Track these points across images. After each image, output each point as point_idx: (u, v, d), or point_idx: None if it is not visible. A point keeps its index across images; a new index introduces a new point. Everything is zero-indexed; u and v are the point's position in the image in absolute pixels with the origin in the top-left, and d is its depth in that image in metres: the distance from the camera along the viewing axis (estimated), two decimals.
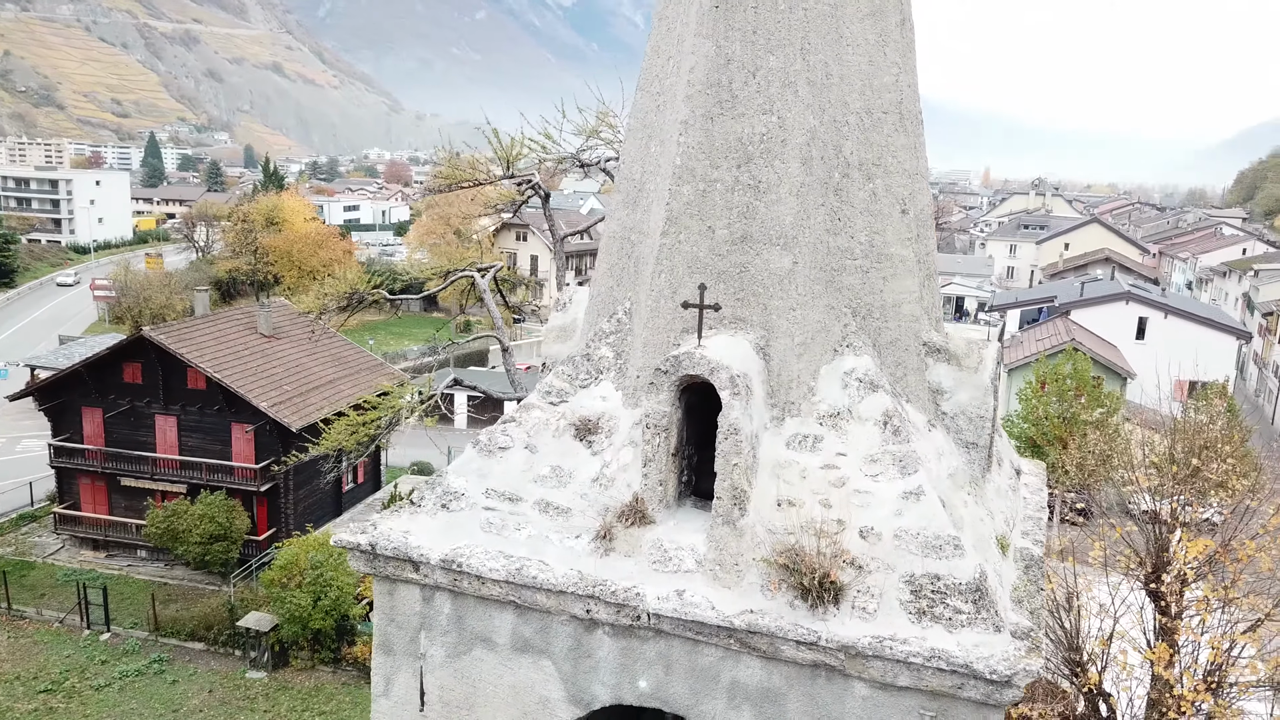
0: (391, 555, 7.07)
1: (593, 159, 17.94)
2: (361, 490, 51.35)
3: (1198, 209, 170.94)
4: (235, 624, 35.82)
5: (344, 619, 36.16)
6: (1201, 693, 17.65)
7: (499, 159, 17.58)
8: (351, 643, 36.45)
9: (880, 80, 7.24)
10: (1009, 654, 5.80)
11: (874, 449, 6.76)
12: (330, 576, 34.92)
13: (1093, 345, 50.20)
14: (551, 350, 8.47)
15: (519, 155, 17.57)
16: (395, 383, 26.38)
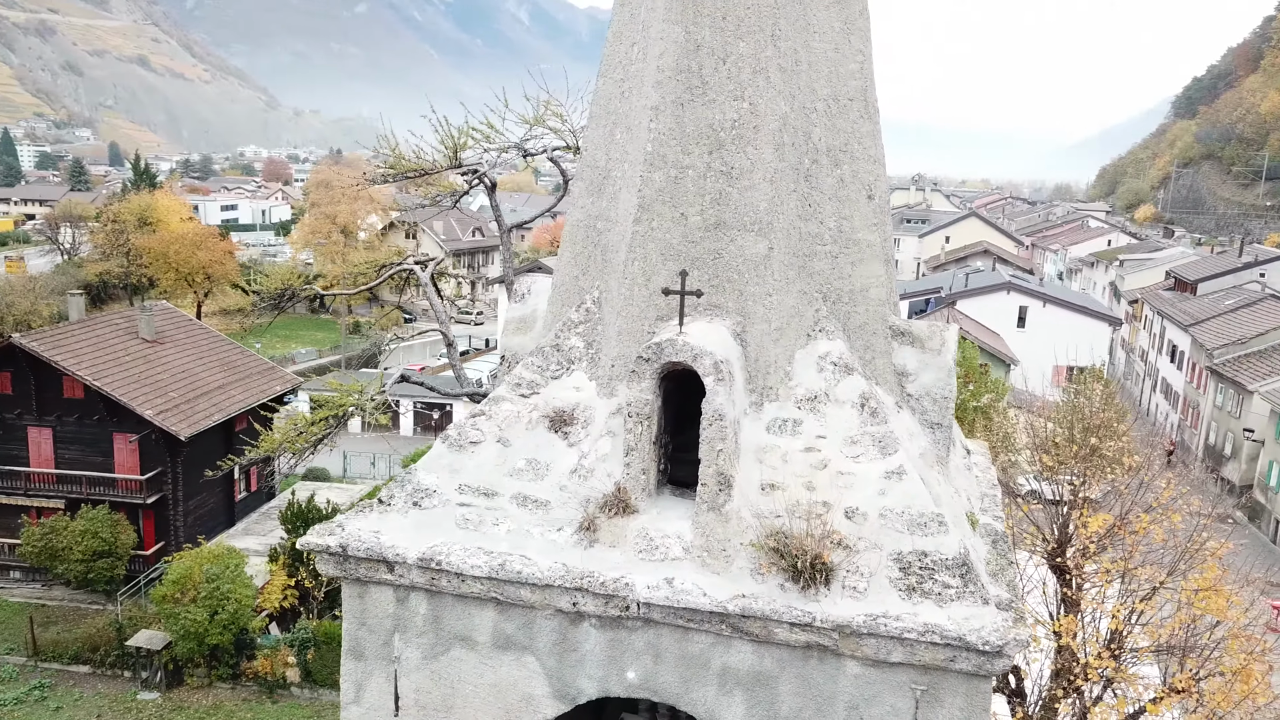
0: (364, 556, 6.81)
1: (536, 148, 17.67)
2: (255, 499, 49.61)
3: (1065, 203, 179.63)
4: (124, 644, 34.15)
5: (243, 633, 34.89)
6: (1105, 659, 18.58)
7: (445, 148, 17.14)
8: (251, 657, 35.21)
9: (846, 67, 7.34)
10: (999, 625, 5.96)
11: (853, 431, 6.86)
12: (228, 589, 33.63)
13: (978, 334, 52.17)
14: (511, 342, 8.31)
15: (464, 145, 17.16)
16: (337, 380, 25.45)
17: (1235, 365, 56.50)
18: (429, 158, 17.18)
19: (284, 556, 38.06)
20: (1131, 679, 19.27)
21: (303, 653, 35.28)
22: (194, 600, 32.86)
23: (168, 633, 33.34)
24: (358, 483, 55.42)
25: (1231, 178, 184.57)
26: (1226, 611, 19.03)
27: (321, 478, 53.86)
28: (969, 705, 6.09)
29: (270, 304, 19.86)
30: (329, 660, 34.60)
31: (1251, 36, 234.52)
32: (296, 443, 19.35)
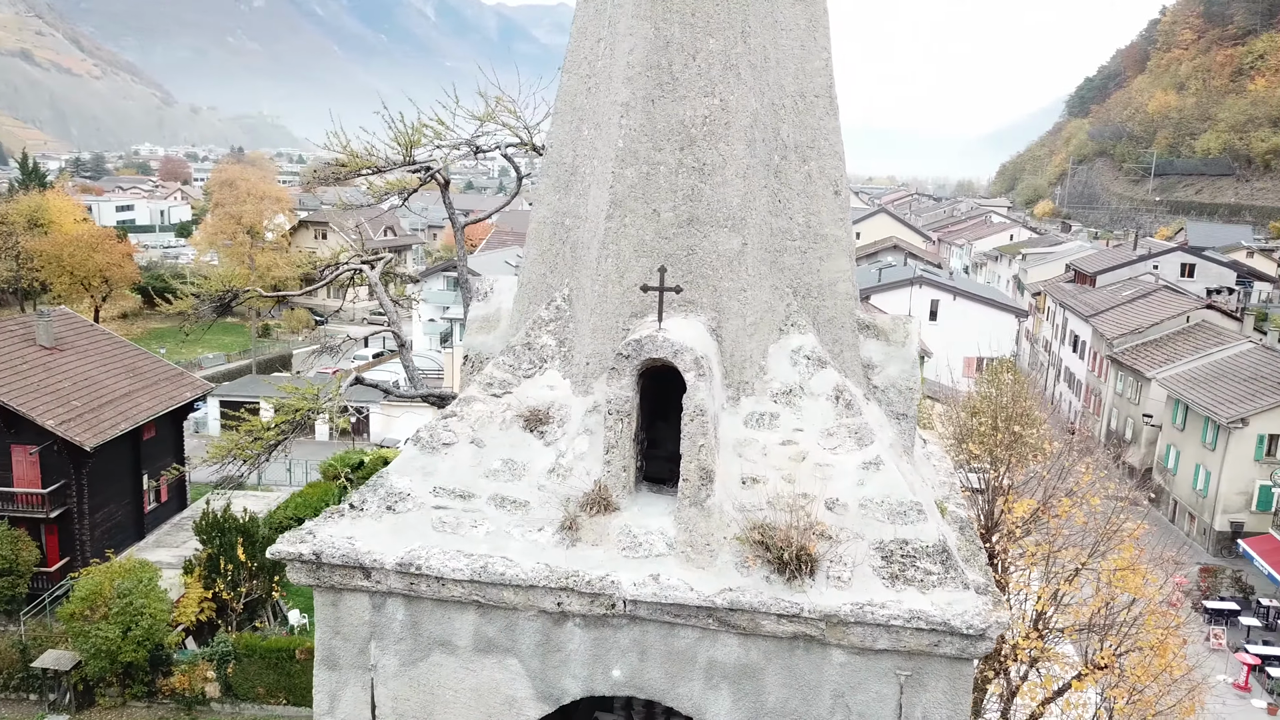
0: (339, 563, 6.63)
1: (489, 145, 17.36)
2: (166, 510, 47.88)
3: (968, 199, 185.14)
4: (29, 665, 32.61)
5: (158, 649, 33.65)
6: (1032, 640, 19.25)
7: (398, 145, 16.67)
8: (168, 673, 34.00)
9: (812, 65, 7.43)
10: (980, 609, 6.11)
11: (829, 423, 6.95)
12: (141, 604, 32.39)
13: None
14: (475, 341, 8.18)
15: (418, 141, 16.71)
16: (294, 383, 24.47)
17: (1134, 354, 59.04)
18: (381, 155, 16.76)
19: (199, 568, 36.84)
20: (1058, 657, 20.02)
21: (222, 666, 34.20)
22: (105, 617, 31.55)
23: (77, 652, 31.94)
24: (274, 490, 53.88)
25: (1123, 174, 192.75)
26: (1143, 589, 19.91)
27: (236, 486, 52.23)
28: (952, 688, 6.24)
29: (215, 306, 19.11)
30: (250, 673, 33.64)
31: (1138, 39, 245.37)
32: (250, 448, 18.66)
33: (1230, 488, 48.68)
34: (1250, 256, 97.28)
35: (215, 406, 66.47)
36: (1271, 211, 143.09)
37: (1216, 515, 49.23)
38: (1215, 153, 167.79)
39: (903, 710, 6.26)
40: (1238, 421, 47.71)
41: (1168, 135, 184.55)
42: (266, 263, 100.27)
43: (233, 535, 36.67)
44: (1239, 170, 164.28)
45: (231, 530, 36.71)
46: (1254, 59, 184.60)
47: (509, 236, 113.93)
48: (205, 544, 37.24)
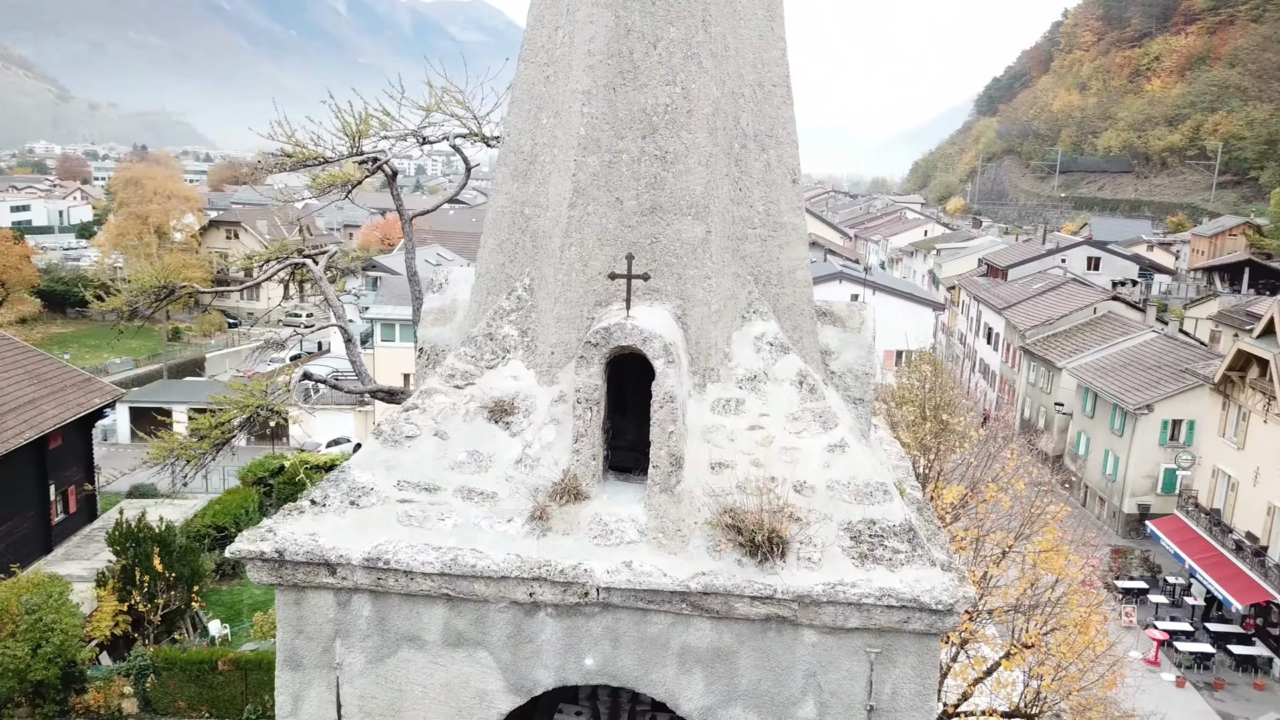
0: (304, 560, 6.47)
1: (437, 135, 17.00)
2: (75, 521, 46.02)
3: (883, 196, 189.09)
4: None
5: (71, 665, 32.35)
6: (963, 621, 19.82)
7: (345, 134, 16.19)
8: (81, 690, 32.72)
9: (769, 54, 7.51)
10: (948, 585, 6.26)
11: (794, 408, 7.04)
12: (52, 620, 31.11)
13: None
14: (430, 334, 8.06)
15: (366, 132, 16.27)
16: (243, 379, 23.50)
17: (1045, 345, 61.03)
18: (327, 145, 16.33)
19: (113, 580, 35.55)
20: (987, 639, 20.62)
21: (140, 681, 33.06)
22: (13, 635, 30.23)
23: None
24: (190, 498, 52.24)
25: (1030, 171, 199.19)
26: (1065, 570, 20.63)
27: (149, 494, 50.47)
28: (920, 663, 6.38)
29: (151, 301, 18.36)
30: (170, 687, 32.60)
31: (1042, 40, 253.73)
32: (194, 448, 17.97)
33: (1137, 472, 50.72)
34: (1150, 250, 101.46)
35: (125, 413, 64.25)
36: (1169, 207, 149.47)
37: (1125, 498, 51.24)
38: (1116, 150, 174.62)
39: (873, 687, 6.38)
40: (1144, 408, 49.72)
41: (1071, 134, 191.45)
42: (176, 264, 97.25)
43: (148, 545, 35.44)
44: (1138, 167, 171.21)
45: (147, 540, 35.48)
46: (1150, 60, 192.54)
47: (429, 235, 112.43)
48: (119, 555, 35.90)
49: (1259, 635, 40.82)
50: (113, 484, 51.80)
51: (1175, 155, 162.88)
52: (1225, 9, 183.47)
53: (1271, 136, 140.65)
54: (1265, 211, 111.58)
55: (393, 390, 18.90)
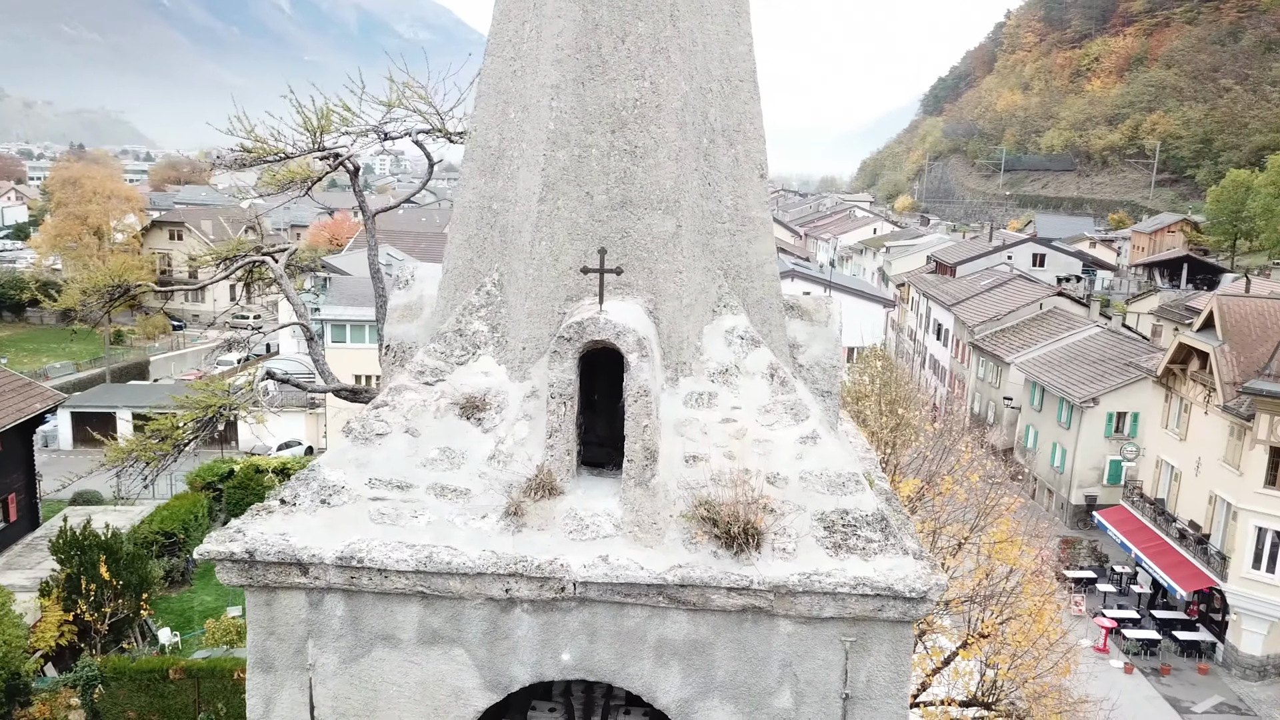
0: (275, 560, 6.38)
1: (398, 131, 16.78)
2: (15, 529, 44.86)
3: (832, 194, 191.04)
4: None
5: (14, 677, 31.52)
6: None
7: (306, 130, 15.88)
8: (25, 703, 31.90)
9: (736, 49, 7.55)
10: (921, 573, 6.35)
11: (765, 400, 7.09)
12: None
13: None
14: (396, 330, 7.99)
15: (327, 127, 15.97)
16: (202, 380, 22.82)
17: (993, 340, 62.08)
18: (287, 140, 16.05)
19: (58, 589, 34.71)
20: (944, 630, 20.95)
21: (88, 692, 32.30)
22: None
23: None
24: (136, 504, 51.13)
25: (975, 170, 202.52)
26: (1019, 560, 21.04)
27: (93, 501, 49.37)
28: (894, 650, 6.46)
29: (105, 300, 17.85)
30: (119, 697, 31.90)
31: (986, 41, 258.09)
32: (155, 449, 17.51)
33: (1084, 463, 51.81)
34: (1093, 246, 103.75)
35: (67, 419, 62.68)
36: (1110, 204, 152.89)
37: (1072, 490, 52.33)
38: (1058, 149, 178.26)
39: (848, 675, 6.45)
40: (1089, 401, 50.79)
41: (1015, 133, 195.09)
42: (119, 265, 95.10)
43: (94, 553, 34.62)
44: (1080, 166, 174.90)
45: (93, 548, 34.65)
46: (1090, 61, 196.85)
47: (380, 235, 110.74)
48: (63, 564, 35.06)
49: (1202, 621, 41.95)
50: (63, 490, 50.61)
51: (1115, 154, 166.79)
52: (1161, 11, 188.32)
53: (1207, 136, 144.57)
54: (1202, 209, 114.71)
55: (355, 389, 18.69)
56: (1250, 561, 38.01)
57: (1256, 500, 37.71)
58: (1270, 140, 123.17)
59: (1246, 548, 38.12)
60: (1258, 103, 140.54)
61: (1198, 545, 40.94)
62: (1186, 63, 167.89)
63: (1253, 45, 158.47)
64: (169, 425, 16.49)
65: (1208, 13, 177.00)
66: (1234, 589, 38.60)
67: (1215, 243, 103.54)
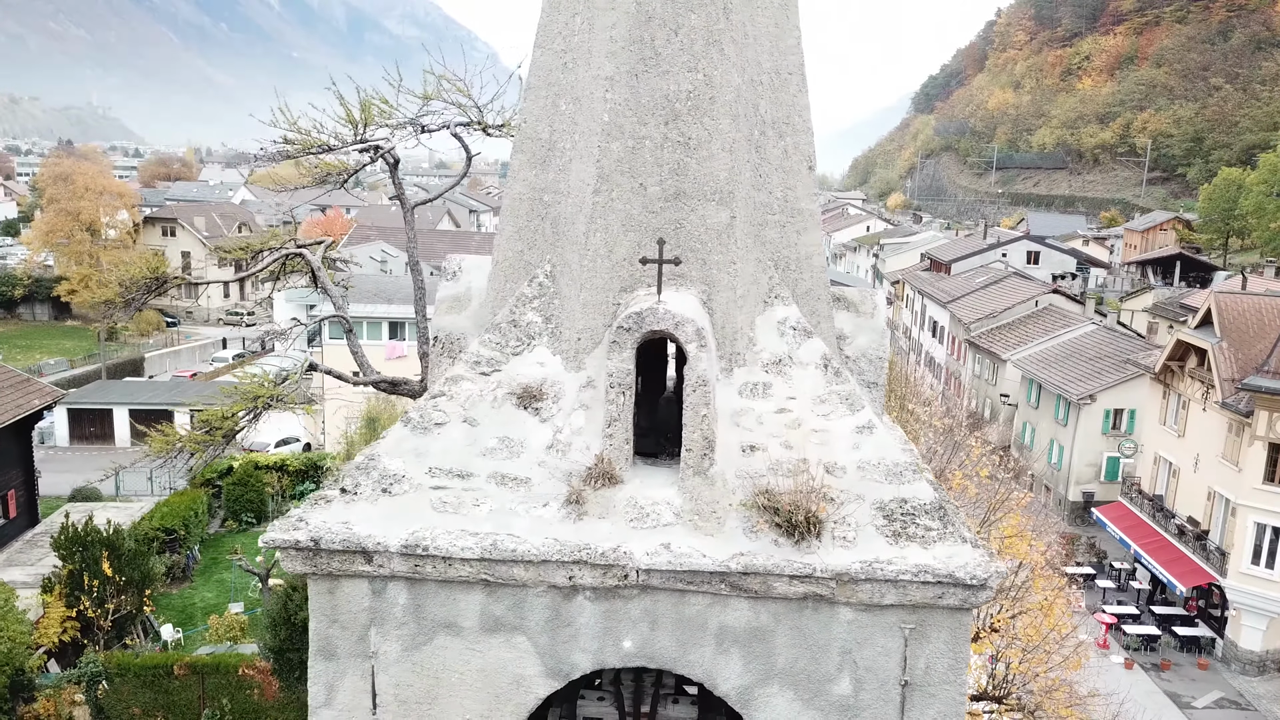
0: (340, 548, 6.42)
1: (435, 124, 16.76)
2: (15, 526, 44.68)
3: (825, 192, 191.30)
4: None
5: (19, 673, 31.44)
6: None
7: (349, 123, 15.83)
8: (30, 699, 31.83)
9: (785, 42, 7.60)
10: (980, 560, 6.43)
11: (819, 390, 7.15)
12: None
13: None
14: (445, 322, 8.03)
15: (371, 119, 15.91)
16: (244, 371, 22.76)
17: (989, 337, 62.30)
18: (330, 133, 16.02)
19: (60, 586, 34.64)
20: None
21: (92, 688, 32.23)
22: None
23: None
24: (134, 500, 50.99)
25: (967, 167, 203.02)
26: (1029, 554, 21.17)
27: (92, 498, 49.20)
28: (953, 638, 6.54)
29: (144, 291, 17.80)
30: (123, 693, 31.84)
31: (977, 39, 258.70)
32: (201, 440, 17.42)
33: (1081, 460, 52.07)
34: (1086, 244, 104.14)
35: (63, 415, 62.43)
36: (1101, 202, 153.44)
37: (1070, 486, 52.57)
38: (1050, 147, 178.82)
39: (907, 662, 6.52)
40: (1086, 398, 51.04)
41: (1006, 131, 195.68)
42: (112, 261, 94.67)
43: (97, 549, 34.55)
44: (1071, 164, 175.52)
45: (95, 544, 34.58)
46: (1081, 59, 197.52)
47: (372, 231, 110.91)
48: (65, 560, 34.99)
49: (1201, 617, 42.22)
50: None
51: (1106, 152, 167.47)
52: (1151, 10, 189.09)
53: (1197, 134, 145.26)
54: (1194, 207, 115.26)
55: (395, 381, 18.74)
56: (1250, 557, 38.28)
57: (1255, 496, 37.97)
58: (1261, 139, 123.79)
59: (1246, 543, 38.39)
60: (1247, 101, 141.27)
61: (1196, 541, 41.20)
62: (1177, 61, 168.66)
63: (1242, 44, 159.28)
64: (220, 416, 16.48)
65: (1197, 12, 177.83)
66: (1233, 584, 38.87)
67: (1207, 241, 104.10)
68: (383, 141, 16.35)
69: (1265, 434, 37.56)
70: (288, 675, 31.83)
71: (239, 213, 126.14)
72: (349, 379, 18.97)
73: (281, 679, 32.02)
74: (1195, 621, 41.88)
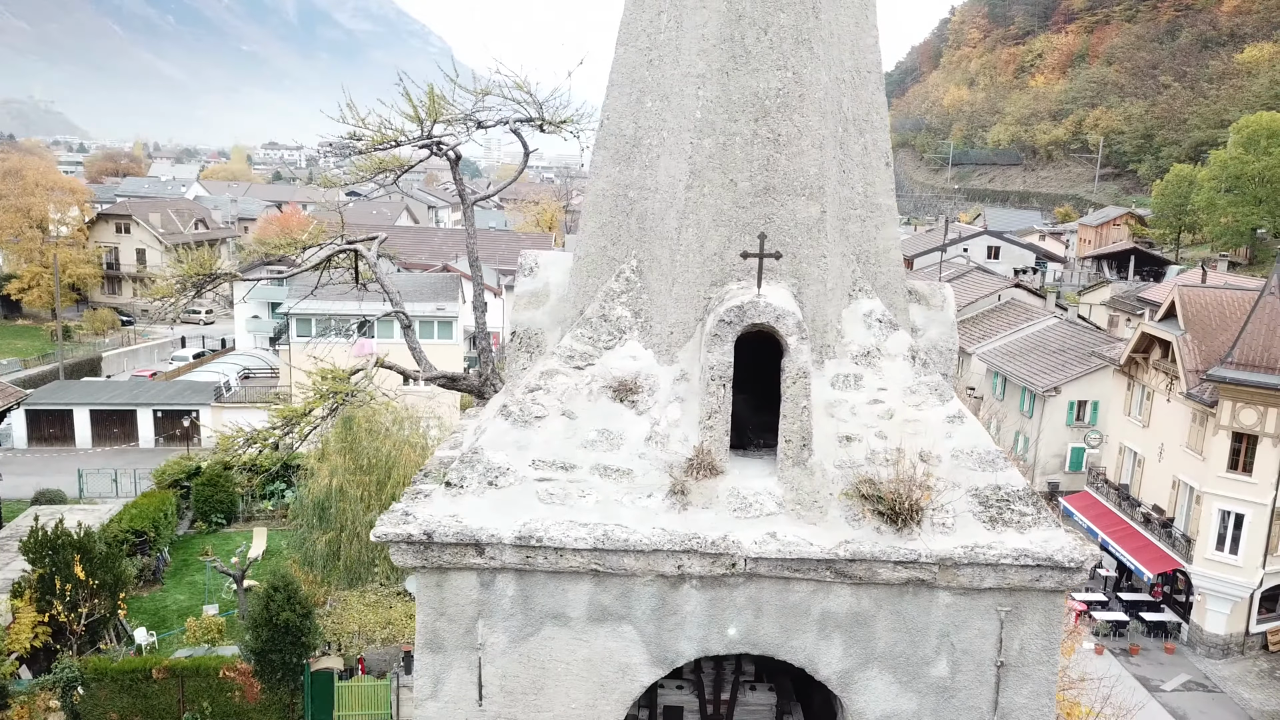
0: (452, 541, 6.47)
1: (491, 120, 16.64)
2: None
3: None
4: None
5: None
6: None
7: (414, 119, 15.64)
8: (3, 705, 31.17)
9: (864, 41, 7.77)
10: (1076, 544, 6.67)
11: (908, 381, 7.34)
12: None
13: None
14: (523, 317, 8.09)
15: (437, 115, 15.73)
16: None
17: None
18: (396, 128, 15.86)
19: (31, 590, 33.92)
20: None
21: (68, 694, 31.63)
22: None
23: None
24: (99, 502, 50.05)
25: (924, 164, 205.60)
26: None
27: (56, 500, 48.22)
28: (1047, 619, 6.77)
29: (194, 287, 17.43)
30: (100, 698, 31.33)
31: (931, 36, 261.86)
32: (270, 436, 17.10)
33: (1047, 451, 53.13)
34: (1043, 239, 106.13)
35: (21, 417, 60.98)
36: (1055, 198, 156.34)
37: (1037, 477, 53.58)
38: (1005, 144, 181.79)
39: (1003, 643, 6.73)
40: (1051, 390, 52.10)
41: (962, 127, 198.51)
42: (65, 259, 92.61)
43: (68, 552, 33.86)
44: (1026, 160, 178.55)
45: (66, 547, 33.90)
46: (1034, 57, 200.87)
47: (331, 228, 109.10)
48: (35, 564, 34.28)
49: (1166, 602, 43.35)
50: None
51: (1060, 148, 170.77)
52: (1101, 9, 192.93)
53: (1148, 131, 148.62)
54: (1145, 202, 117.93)
55: (454, 376, 18.65)
56: (1214, 543, 39.40)
57: (1220, 484, 39.09)
58: (1209, 136, 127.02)
59: (1210, 530, 39.50)
60: (1195, 99, 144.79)
61: (1162, 529, 42.30)
62: (1127, 60, 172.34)
63: (1189, 43, 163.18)
64: (300, 413, 16.22)
65: (1146, 11, 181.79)
66: (1198, 570, 39.99)
67: (1160, 235, 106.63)
68: (447, 138, 16.29)
69: (1229, 423, 38.67)
70: (270, 677, 31.53)
71: (194, 209, 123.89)
72: (411, 374, 18.82)
73: (263, 680, 31.70)
74: (1161, 607, 43.01)
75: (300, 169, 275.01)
